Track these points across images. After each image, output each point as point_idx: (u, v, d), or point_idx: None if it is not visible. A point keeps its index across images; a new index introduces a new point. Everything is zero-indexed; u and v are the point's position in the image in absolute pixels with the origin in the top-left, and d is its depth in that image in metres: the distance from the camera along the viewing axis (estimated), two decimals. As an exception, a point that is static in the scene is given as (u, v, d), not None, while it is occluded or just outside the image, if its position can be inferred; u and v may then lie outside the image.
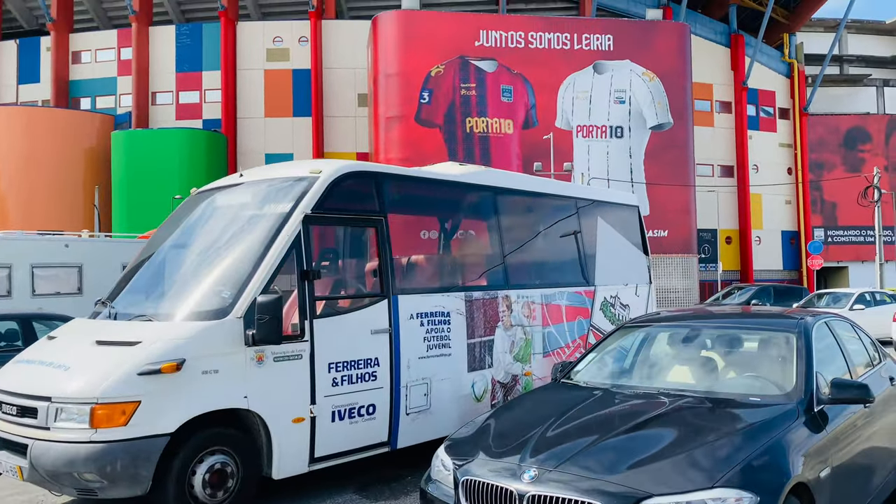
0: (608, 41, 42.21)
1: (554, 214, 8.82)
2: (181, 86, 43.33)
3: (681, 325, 5.71)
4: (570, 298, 8.58)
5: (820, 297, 18.07)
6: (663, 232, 42.28)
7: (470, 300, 7.43)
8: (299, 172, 6.59)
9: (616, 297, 9.27)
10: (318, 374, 6.14)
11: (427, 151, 39.77)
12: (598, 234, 9.11)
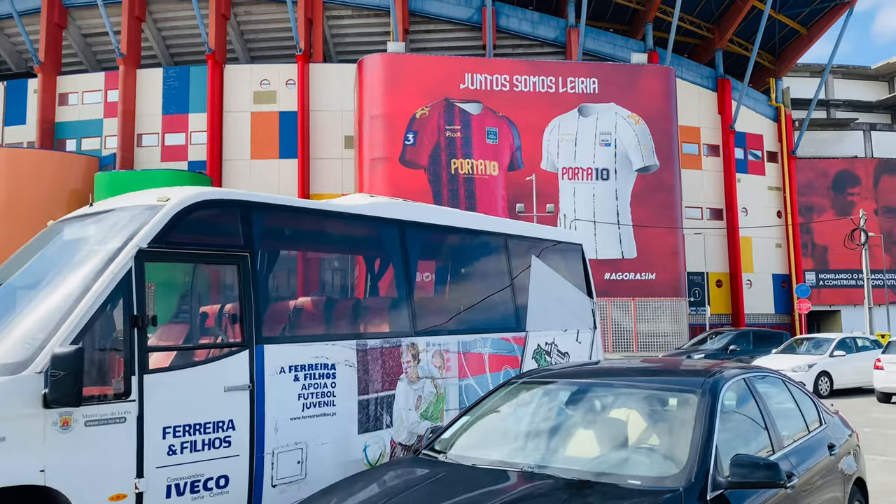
0: (593, 84, 41.73)
1: (477, 252, 7.81)
2: (167, 128, 42.79)
3: (569, 382, 4.60)
4: (494, 346, 7.53)
5: (800, 342, 17.02)
6: (651, 275, 41.28)
7: (363, 350, 6.30)
8: (149, 201, 5.56)
9: (553, 343, 8.23)
10: (149, 440, 5.02)
11: (411, 193, 38.99)
12: (532, 275, 8.10)
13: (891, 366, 14.14)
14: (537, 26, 46.04)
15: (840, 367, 15.68)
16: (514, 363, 7.67)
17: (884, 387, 14.27)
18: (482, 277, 7.79)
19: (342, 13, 44.88)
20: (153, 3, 43.55)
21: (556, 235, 9.23)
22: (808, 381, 15.23)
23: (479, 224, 7.84)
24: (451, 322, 7.43)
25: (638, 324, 40.78)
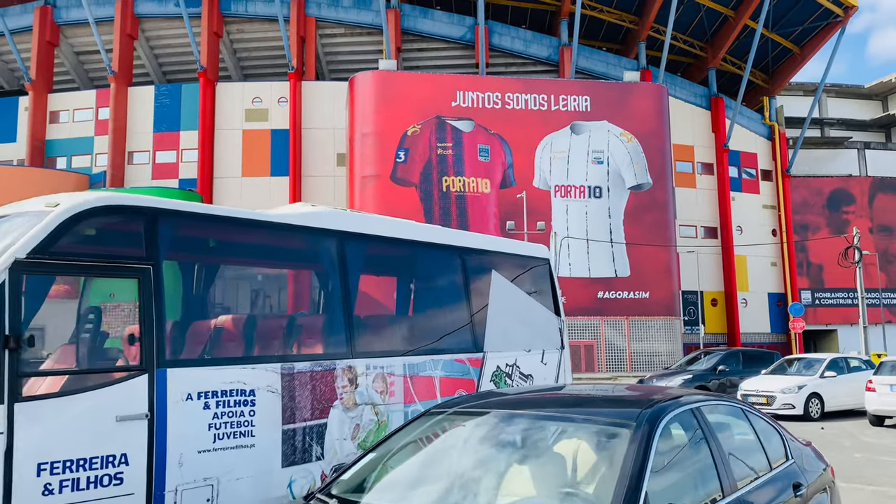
0: (585, 102, 41.30)
1: (428, 266, 7.17)
2: (158, 145, 42.34)
3: (495, 413, 3.87)
4: (447, 368, 6.85)
5: (790, 362, 16.34)
6: (645, 293, 40.61)
7: (290, 373, 5.62)
8: (37, 207, 4.91)
9: (514, 365, 7.56)
10: (19, 478, 4.32)
11: (403, 211, 38.44)
12: (492, 291, 7.45)
13: (882, 387, 13.45)
14: (530, 45, 45.72)
15: (831, 389, 14.99)
16: (470, 386, 7.02)
17: (876, 409, 13.58)
18: (434, 294, 7.15)
19: (335, 31, 44.57)
20: (145, 21, 43.25)
21: (520, 250, 8.57)
22: (797, 404, 14.55)
23: (432, 236, 7.18)
24: (397, 342, 6.76)
25: (632, 343, 40.06)
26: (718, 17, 47.52)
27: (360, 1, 43.97)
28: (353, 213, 6.62)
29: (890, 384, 13.35)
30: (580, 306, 39.54)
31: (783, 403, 14.61)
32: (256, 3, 43.19)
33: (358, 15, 43.76)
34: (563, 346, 8.55)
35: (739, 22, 46.16)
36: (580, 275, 39.98)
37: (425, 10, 44.63)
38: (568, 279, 39.70)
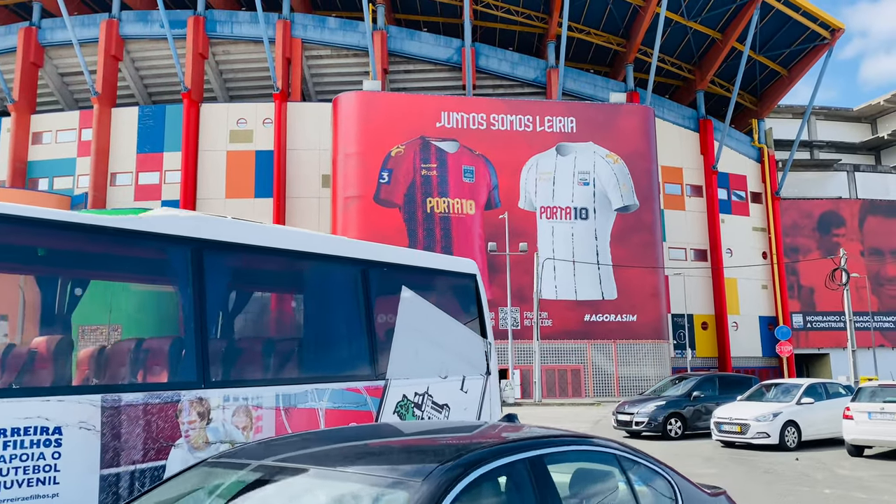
0: (571, 123, 40.53)
1: (317, 281, 6.11)
2: (141, 167, 41.49)
3: (244, 467, 2.88)
4: (336, 398, 5.75)
5: (768, 387, 15.25)
6: (632, 317, 39.53)
7: (114, 407, 4.55)
8: None
9: (426, 394, 6.49)
10: None
11: (386, 232, 37.53)
12: (400, 310, 6.41)
13: (860, 415, 12.35)
14: (517, 67, 45.04)
15: (809, 416, 13.86)
16: (367, 419, 5.97)
17: (854, 439, 12.46)
18: (322, 313, 6.08)
19: (321, 53, 43.93)
20: (131, 42, 42.63)
21: (440, 264, 7.50)
22: (772, 432, 13.42)
23: (323, 247, 6.17)
24: (269, 369, 5.70)
25: (619, 367, 38.92)
26: (706, 39, 46.92)
27: (347, 23, 43.38)
28: (221, 220, 5.55)
29: (868, 411, 12.27)
30: (567, 329, 38.48)
31: (757, 432, 13.50)
32: (242, 24, 42.59)
33: (344, 37, 43.14)
34: (488, 372, 7.44)
35: (727, 44, 45.53)
36: (566, 297, 38.94)
37: (412, 32, 44.04)
38: (554, 301, 38.69)
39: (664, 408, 15.84)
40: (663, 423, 15.67)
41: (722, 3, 43.91)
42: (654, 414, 15.75)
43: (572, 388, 38.25)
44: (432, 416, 6.53)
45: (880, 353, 45.97)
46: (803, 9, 43.93)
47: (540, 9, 45.48)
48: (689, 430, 15.84)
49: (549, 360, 38.13)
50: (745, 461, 12.36)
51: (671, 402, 15.98)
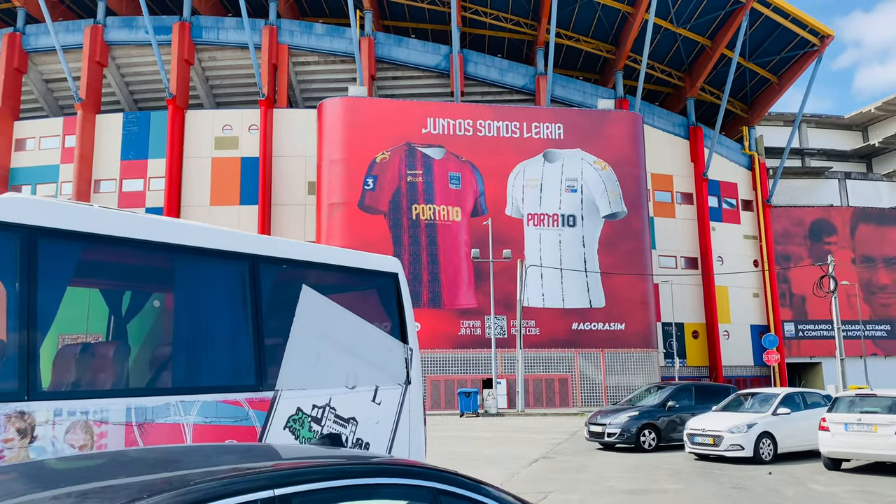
0: (558, 130, 39.97)
1: (189, 277, 5.27)
2: (125, 173, 40.89)
3: None
4: (207, 412, 5.00)
5: (745, 398, 14.55)
6: (620, 325, 38.84)
7: None
8: None
9: (328, 406, 5.76)
10: None
11: (371, 239, 36.92)
12: (298, 312, 5.65)
13: (837, 426, 11.66)
14: (506, 73, 44.52)
15: (785, 428, 13.15)
16: (249, 436, 5.22)
17: (830, 451, 11.76)
18: (191, 313, 5.21)
19: (308, 59, 43.41)
20: (116, 48, 42.09)
21: (353, 261, 6.70)
22: (746, 445, 12.71)
23: (196, 239, 5.30)
24: (119, 377, 5.02)
25: (608, 376, 38.20)
26: (695, 46, 46.45)
27: (334, 29, 42.89)
28: (66, 205, 4.84)
29: (845, 423, 11.58)
30: (554, 338, 37.79)
31: (730, 444, 12.79)
32: (228, 30, 42.08)
33: (331, 43, 42.62)
34: (408, 381, 6.73)
35: (716, 51, 45.05)
36: (554, 305, 38.26)
37: (400, 39, 43.55)
38: (541, 310, 38.01)
39: (637, 418, 15.13)
40: (636, 435, 14.97)
41: (711, 9, 43.45)
42: (627, 425, 15.05)
43: (560, 398, 37.52)
44: (335, 430, 5.83)
45: (872, 361, 45.26)
46: (792, 15, 43.48)
47: (529, 15, 45.03)
48: (664, 441, 15.14)
49: (536, 370, 37.43)
50: (714, 475, 11.68)
51: (644, 413, 15.27)
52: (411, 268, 36.63)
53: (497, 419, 27.48)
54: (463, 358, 36.27)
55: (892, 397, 11.64)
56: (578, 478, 11.57)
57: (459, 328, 36.75)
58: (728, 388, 16.45)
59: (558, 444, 16.62)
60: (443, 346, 36.30)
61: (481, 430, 21.22)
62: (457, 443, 17.61)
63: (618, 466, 12.91)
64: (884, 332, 47.58)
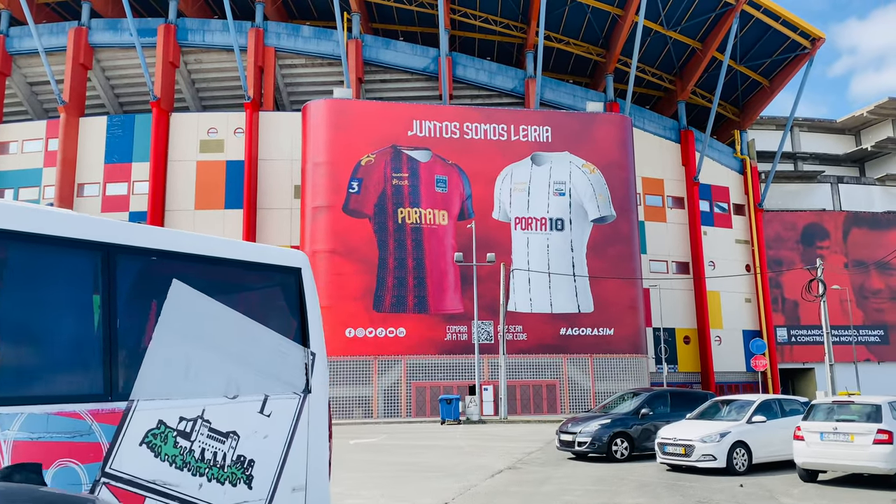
0: (546, 132, 39.30)
1: (17, 268, 4.43)
2: (109, 177, 40.20)
3: None
4: (33, 426, 4.26)
5: (722, 404, 13.80)
6: (609, 330, 38.08)
7: None
8: None
9: (201, 419, 5.03)
10: None
11: (355, 243, 36.23)
12: (165, 310, 4.88)
13: (812, 435, 10.92)
14: (495, 77, 43.89)
15: (760, 436, 12.41)
16: (92, 453, 4.48)
17: (804, 462, 11.01)
18: (16, 311, 4.45)
19: (295, 62, 42.79)
20: (101, 50, 41.48)
21: (246, 254, 5.83)
22: (719, 455, 11.95)
23: (33, 224, 4.52)
24: None
25: (596, 383, 37.44)
26: (686, 49, 45.84)
27: (321, 31, 42.27)
28: None
29: (820, 432, 10.83)
30: (542, 343, 37.04)
31: (702, 454, 12.04)
32: (214, 32, 41.47)
33: (318, 45, 42.01)
34: (307, 390, 5.84)
35: (707, 54, 44.42)
36: (542, 310, 37.52)
37: (388, 41, 42.93)
38: (529, 315, 37.28)
39: (609, 426, 14.36)
40: (608, 444, 14.21)
41: (701, 11, 42.86)
42: (598, 433, 14.28)
43: (547, 404, 36.77)
44: (210, 447, 5.09)
45: (866, 367, 44.52)
46: (783, 18, 42.87)
47: (518, 18, 44.45)
48: (638, 450, 14.38)
49: (524, 376, 36.70)
50: (682, 488, 10.93)
51: (617, 421, 14.51)
52: (397, 272, 35.94)
53: (478, 427, 26.73)
54: (449, 364, 35.53)
55: (870, 405, 10.91)
56: (538, 491, 10.84)
57: (446, 333, 36.01)
58: (706, 395, 15.69)
59: (530, 454, 15.88)
60: (429, 351, 35.57)
61: (456, 439, 20.47)
62: (424, 452, 16.86)
63: (584, 478, 12.18)
64: (877, 337, 46.83)
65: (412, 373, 35.37)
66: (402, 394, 35.04)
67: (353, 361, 34.62)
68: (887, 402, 10.97)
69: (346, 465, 14.57)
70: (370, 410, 34.48)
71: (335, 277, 35.41)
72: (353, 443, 19.74)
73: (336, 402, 34.15)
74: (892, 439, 10.30)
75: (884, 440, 10.31)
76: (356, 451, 17.27)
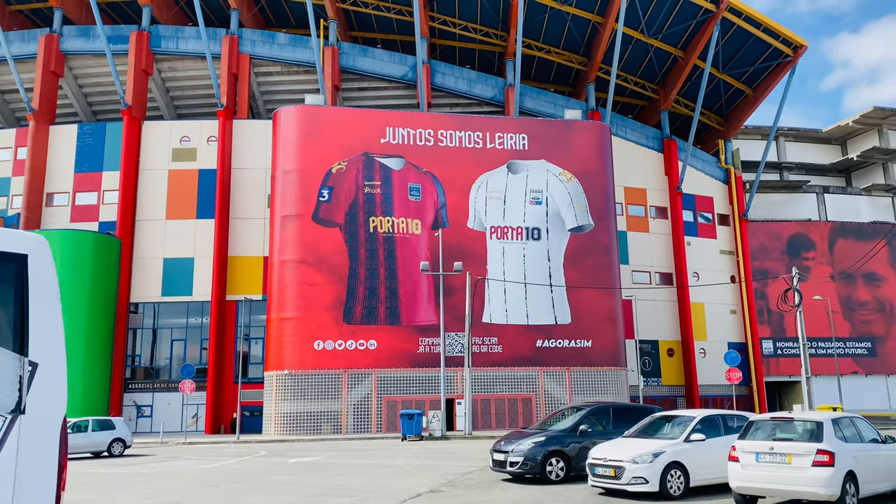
0: (523, 140, 38.16)
1: None
2: (79, 186, 39.12)
3: None
4: None
5: (667, 420, 12.49)
6: (587, 342, 36.76)
7: None
8: None
9: None
10: None
11: (325, 252, 35.03)
12: None
13: (747, 456, 9.62)
14: (474, 85, 42.87)
15: (699, 457, 11.10)
16: None
17: (739, 486, 9.69)
18: None
19: (271, 69, 41.82)
20: (73, 58, 40.54)
21: None
22: (651, 477, 10.65)
23: None
24: None
25: (573, 396, 36.08)
26: (668, 57, 44.80)
27: (297, 38, 41.32)
28: None
29: (756, 452, 9.57)
30: (518, 356, 35.73)
31: (633, 477, 10.76)
32: (189, 40, 40.52)
33: (294, 53, 41.04)
34: (19, 410, 4.47)
35: (689, 62, 43.37)
36: (518, 322, 36.22)
37: (365, 49, 41.94)
38: (505, 326, 36.00)
39: (543, 445, 13.05)
40: (542, 464, 12.91)
41: (681, 19, 41.85)
42: (531, 452, 12.99)
43: (523, 419, 35.38)
44: None
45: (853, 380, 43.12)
46: (764, 25, 41.83)
47: (498, 26, 43.48)
48: (575, 471, 13.06)
49: (499, 389, 35.39)
50: (604, 515, 9.65)
51: (552, 439, 13.20)
52: (368, 283, 34.71)
53: (437, 443, 25.38)
54: (422, 377, 34.22)
55: (811, 422, 9.64)
56: (442, 518, 9.58)
57: (419, 346, 34.71)
58: (650, 409, 14.38)
59: (466, 474, 14.57)
60: (401, 364, 34.28)
61: (402, 457, 19.14)
62: (357, 473, 15.52)
63: (516, 499, 10.92)
64: (864, 349, 45.42)
65: (383, 386, 34.07)
66: (372, 408, 33.73)
67: (322, 375, 33.35)
68: (831, 418, 9.70)
69: (261, 488, 13.31)
70: (339, 426, 33.16)
71: (304, 288, 34.20)
72: (292, 461, 18.45)
73: (304, 417, 32.86)
74: (834, 461, 9.03)
75: (824, 462, 9.03)
76: (287, 471, 15.98)
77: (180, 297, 38.01)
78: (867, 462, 9.61)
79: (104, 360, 35.93)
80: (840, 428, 9.65)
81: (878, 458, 9.94)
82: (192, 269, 38.26)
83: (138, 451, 23.54)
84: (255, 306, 37.64)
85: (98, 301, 35.67)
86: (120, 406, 36.83)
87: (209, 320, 37.09)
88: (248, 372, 37.55)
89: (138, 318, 38.20)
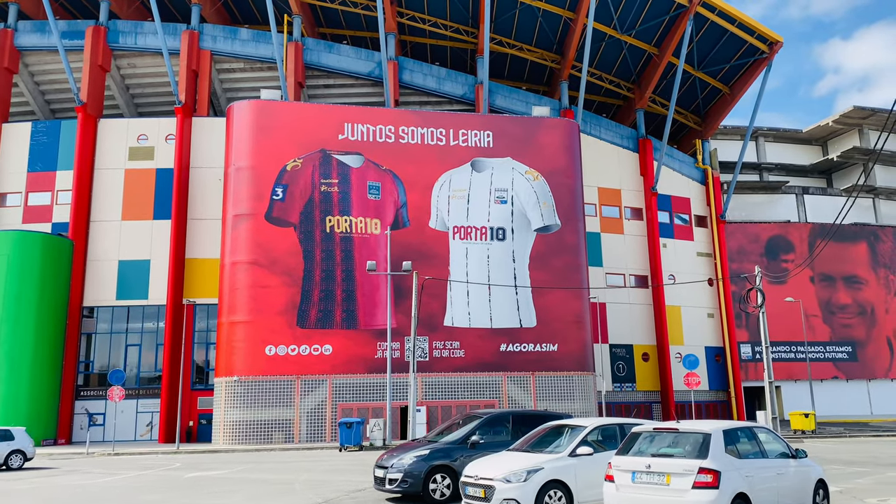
0: (487, 137, 36.40)
1: None
2: (32, 186, 37.36)
3: None
4: None
5: (560, 430, 10.62)
6: (553, 346, 34.87)
7: None
8: None
9: None
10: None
11: (278, 253, 33.28)
12: None
13: (623, 475, 7.84)
14: (444, 82, 41.14)
15: (585, 474, 9.27)
16: None
17: (614, 513, 7.90)
18: None
19: (233, 66, 40.13)
20: (28, 54, 38.89)
21: None
22: (524, 498, 8.88)
23: None
24: None
25: (539, 402, 34.21)
26: (642, 55, 43.06)
27: (260, 34, 39.64)
28: None
29: (633, 470, 7.81)
30: (481, 361, 33.89)
31: (504, 499, 9.00)
32: (147, 35, 38.87)
33: (257, 49, 39.36)
34: None
35: (663, 59, 41.61)
36: (481, 325, 34.37)
37: (330, 45, 40.24)
38: (467, 330, 34.18)
39: (426, 459, 11.18)
40: (425, 481, 11.11)
41: (654, 14, 40.10)
42: (413, 468, 11.11)
43: (486, 425, 33.41)
44: None
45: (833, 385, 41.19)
46: (738, 20, 40.05)
47: (468, 22, 41.80)
48: (465, 489, 11.27)
49: (461, 395, 33.54)
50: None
51: (437, 452, 11.33)
52: (323, 285, 32.93)
53: (370, 454, 23.50)
54: (379, 383, 32.37)
55: (696, 433, 7.81)
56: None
57: (376, 350, 32.90)
58: (559, 418, 12.56)
59: (355, 492, 12.69)
60: (357, 370, 32.45)
61: (317, 470, 17.27)
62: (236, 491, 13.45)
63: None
64: (845, 353, 43.46)
65: (339, 393, 32.25)
66: (327, 416, 31.90)
67: (274, 381, 31.53)
68: (723, 429, 7.87)
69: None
70: (291, 435, 31.34)
71: (256, 291, 32.42)
72: (188, 476, 16.59)
73: (254, 425, 31.03)
74: (718, 482, 7.22)
75: (707, 483, 7.17)
76: (166, 489, 14.02)
77: (136, 300, 36.25)
78: (766, 482, 7.76)
79: (54, 366, 34.11)
80: (734, 441, 7.82)
81: (783, 477, 8.08)
82: (149, 272, 36.51)
83: (43, 464, 21.69)
84: (214, 310, 35.89)
85: (47, 305, 33.89)
86: (71, 414, 35.03)
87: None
88: (208, 379, 35.76)
89: (92, 322, 36.42)
